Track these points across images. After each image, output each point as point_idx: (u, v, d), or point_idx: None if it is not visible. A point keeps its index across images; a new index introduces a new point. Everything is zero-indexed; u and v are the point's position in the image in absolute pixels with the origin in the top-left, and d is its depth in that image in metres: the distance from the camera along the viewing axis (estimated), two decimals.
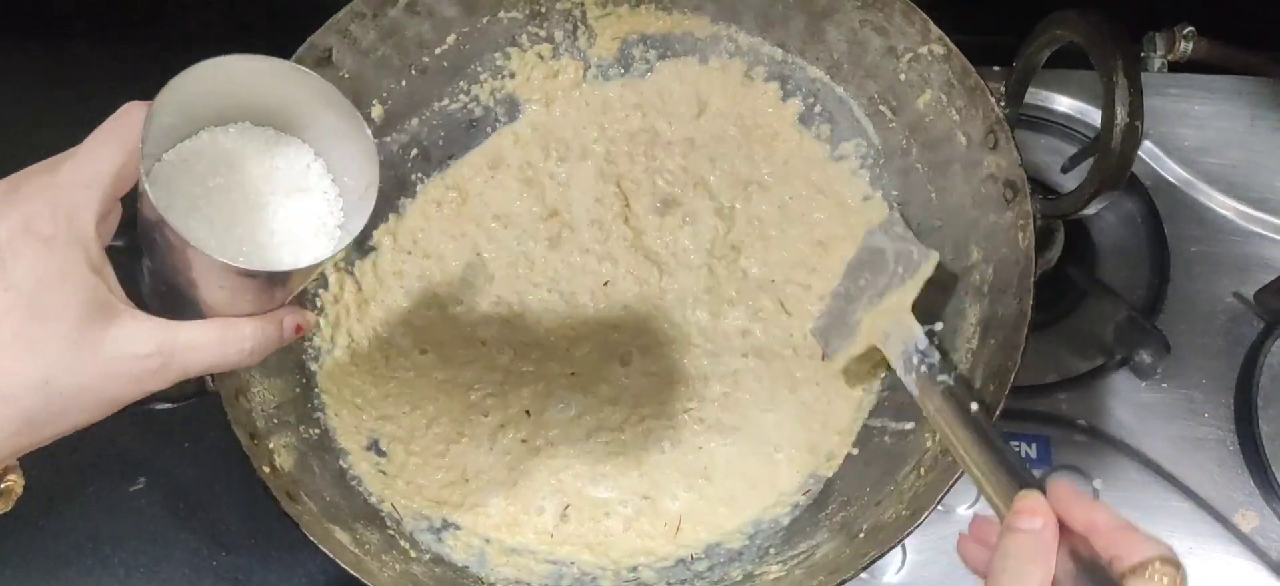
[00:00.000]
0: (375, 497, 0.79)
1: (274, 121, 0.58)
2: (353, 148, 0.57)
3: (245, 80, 0.55)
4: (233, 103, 0.56)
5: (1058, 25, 0.76)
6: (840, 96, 0.88)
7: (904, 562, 0.82)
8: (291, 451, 0.75)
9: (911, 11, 0.80)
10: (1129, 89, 0.69)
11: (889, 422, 0.80)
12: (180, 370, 0.53)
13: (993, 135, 0.77)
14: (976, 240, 0.78)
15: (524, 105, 0.93)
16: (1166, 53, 1.01)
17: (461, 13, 0.88)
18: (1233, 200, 0.95)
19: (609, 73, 0.93)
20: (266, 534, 0.88)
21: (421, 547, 0.78)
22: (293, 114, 0.58)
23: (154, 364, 0.51)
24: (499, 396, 0.84)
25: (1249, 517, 0.82)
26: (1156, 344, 0.86)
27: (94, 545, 0.88)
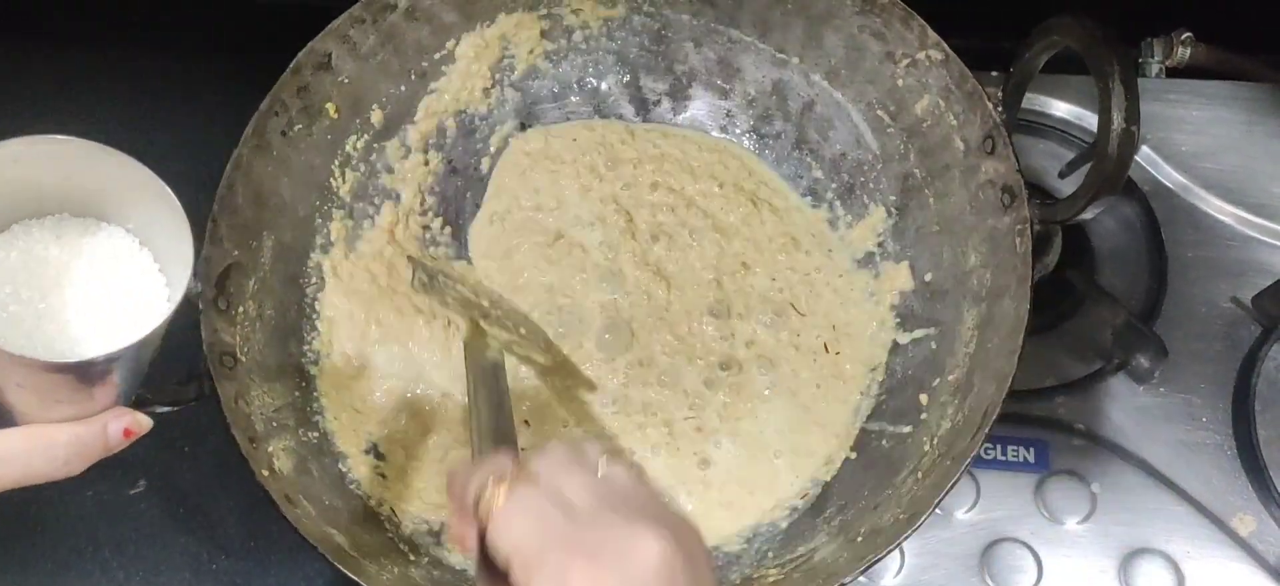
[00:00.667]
0: (374, 501, 0.79)
1: (89, 204, 0.56)
2: (169, 222, 0.55)
3: (48, 164, 0.53)
4: (36, 190, 0.54)
5: (1054, 31, 0.76)
6: (838, 102, 0.88)
7: (902, 566, 0.82)
8: (290, 455, 0.76)
9: (909, 17, 0.80)
10: (1125, 94, 0.69)
11: (887, 426, 0.80)
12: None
13: (990, 140, 0.77)
14: (974, 245, 0.79)
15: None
16: (1164, 58, 1.01)
17: (461, 18, 0.88)
18: (1230, 205, 0.95)
19: None
20: (266, 537, 0.88)
21: (420, 551, 0.78)
22: (107, 193, 0.56)
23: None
24: None
25: (1247, 521, 0.82)
26: (1154, 348, 0.86)
27: (94, 548, 0.88)
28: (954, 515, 0.84)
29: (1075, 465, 0.85)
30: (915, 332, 0.83)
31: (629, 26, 0.92)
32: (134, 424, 0.55)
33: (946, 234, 0.82)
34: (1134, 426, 0.87)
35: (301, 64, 0.81)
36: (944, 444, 0.73)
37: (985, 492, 0.84)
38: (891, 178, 0.87)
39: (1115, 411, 0.87)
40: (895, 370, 0.83)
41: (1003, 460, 0.86)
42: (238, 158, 0.77)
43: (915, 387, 0.79)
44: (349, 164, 0.87)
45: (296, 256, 0.84)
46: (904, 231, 0.86)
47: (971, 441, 0.69)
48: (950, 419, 0.74)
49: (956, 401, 0.75)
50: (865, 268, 0.88)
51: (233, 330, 0.76)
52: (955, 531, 0.84)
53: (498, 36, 0.90)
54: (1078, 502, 0.84)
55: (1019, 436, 0.86)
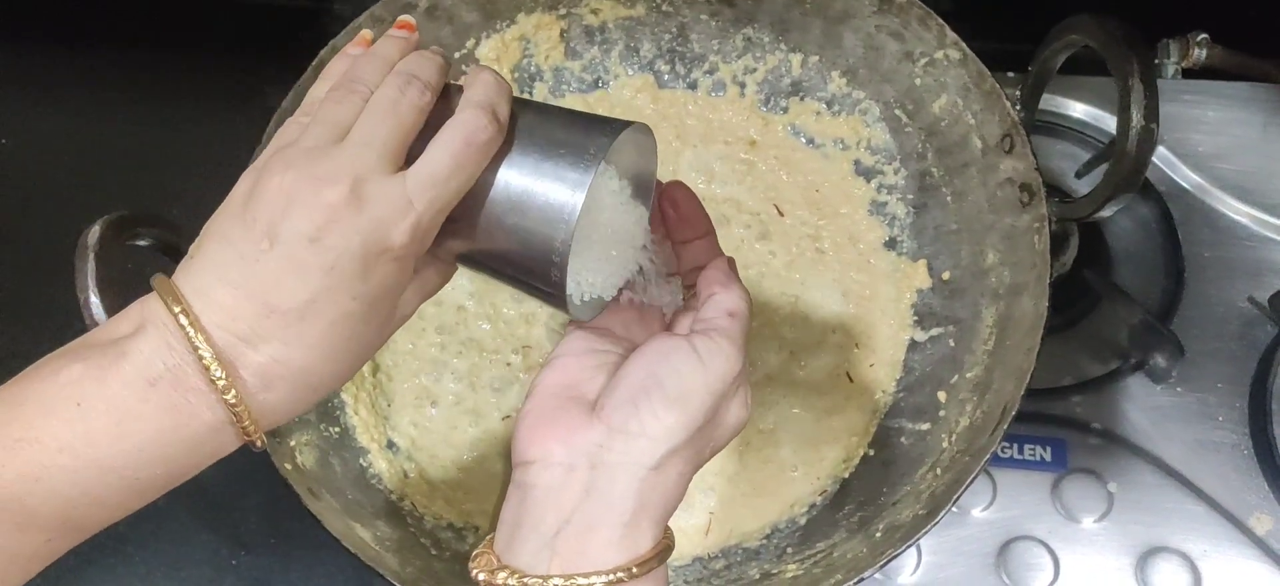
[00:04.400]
0: (395, 496, 0.80)
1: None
2: None
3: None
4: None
5: (1073, 30, 0.76)
6: (857, 101, 0.89)
7: (919, 564, 0.83)
8: (313, 449, 0.76)
9: (928, 17, 0.81)
10: (1144, 92, 0.69)
11: (906, 423, 0.80)
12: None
13: (1009, 139, 0.77)
14: (993, 243, 0.79)
15: None
16: (1180, 60, 1.01)
17: (481, 18, 0.89)
18: (1246, 206, 0.95)
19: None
20: (287, 534, 0.89)
21: (442, 545, 0.78)
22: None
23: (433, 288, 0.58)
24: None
25: (1263, 520, 0.82)
26: (1171, 348, 0.86)
27: (117, 544, 0.89)
28: (971, 513, 0.84)
29: (1092, 464, 0.85)
30: (933, 331, 0.83)
31: (648, 26, 0.93)
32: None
33: (965, 232, 0.82)
34: (1151, 425, 0.87)
35: (324, 62, 0.82)
36: (963, 440, 0.73)
37: (1002, 491, 0.85)
38: (909, 176, 0.87)
39: (1132, 410, 0.88)
40: (913, 367, 0.83)
41: (1020, 459, 0.86)
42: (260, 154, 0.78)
43: (934, 385, 0.80)
44: None
45: None
46: (922, 230, 0.86)
47: (990, 438, 0.69)
48: (969, 416, 0.75)
49: (975, 398, 0.75)
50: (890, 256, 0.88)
51: None
52: (972, 529, 0.84)
53: (517, 37, 0.91)
54: (1095, 501, 0.84)
55: (1036, 435, 0.87)
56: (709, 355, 0.53)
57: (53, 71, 1.13)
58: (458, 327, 0.86)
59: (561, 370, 0.56)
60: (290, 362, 0.49)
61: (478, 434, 0.83)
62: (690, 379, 0.52)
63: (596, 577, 0.49)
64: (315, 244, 0.48)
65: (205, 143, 1.05)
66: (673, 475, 0.52)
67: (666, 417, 0.51)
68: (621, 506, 0.50)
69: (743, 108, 0.93)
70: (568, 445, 0.52)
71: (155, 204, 0.71)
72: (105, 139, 1.09)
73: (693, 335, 0.54)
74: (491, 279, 0.58)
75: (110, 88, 1.11)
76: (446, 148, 0.51)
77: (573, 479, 0.51)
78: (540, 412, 0.54)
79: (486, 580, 0.50)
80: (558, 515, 0.50)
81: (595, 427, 0.52)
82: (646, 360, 0.53)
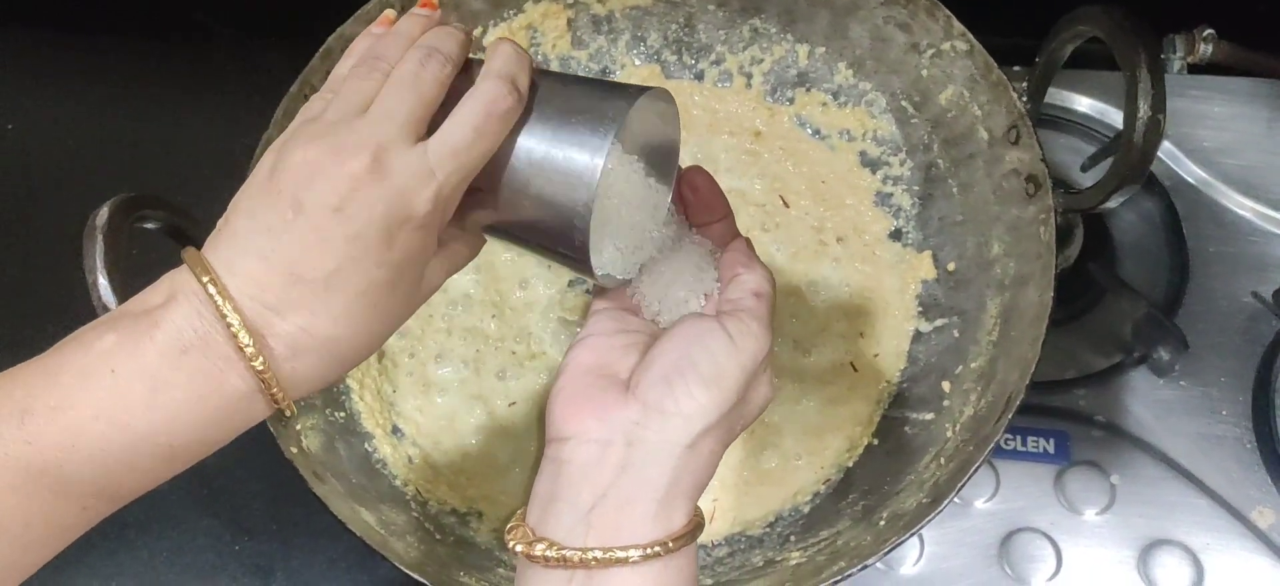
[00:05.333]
0: (400, 481, 0.80)
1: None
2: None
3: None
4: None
5: (1081, 21, 0.76)
6: (863, 92, 0.89)
7: (922, 554, 0.83)
8: (318, 433, 0.76)
9: (935, 8, 0.81)
10: (1152, 82, 0.69)
11: (910, 413, 0.80)
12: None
13: (1015, 130, 0.77)
14: (998, 234, 0.79)
15: None
16: (1186, 55, 1.02)
17: (488, 5, 0.89)
18: (1251, 201, 0.95)
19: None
20: (289, 520, 0.89)
21: (446, 530, 0.78)
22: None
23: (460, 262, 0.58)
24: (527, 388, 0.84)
25: (1266, 514, 0.83)
26: (1175, 341, 0.87)
27: (119, 529, 0.89)
28: (974, 504, 0.84)
29: (1095, 456, 0.85)
30: (938, 321, 0.83)
31: (655, 16, 0.93)
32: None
33: (970, 223, 0.82)
34: (1154, 419, 0.87)
35: (331, 48, 0.81)
36: (967, 430, 0.74)
37: (1005, 482, 0.85)
38: (915, 167, 0.87)
39: (1135, 404, 0.88)
40: (918, 358, 0.83)
41: (1023, 451, 0.86)
42: (268, 139, 0.78)
43: (938, 375, 0.80)
44: None
45: None
46: (927, 221, 0.86)
47: (994, 427, 0.69)
48: (973, 405, 0.75)
49: (979, 388, 0.75)
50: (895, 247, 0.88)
51: None
52: (975, 521, 0.84)
53: (525, 26, 0.91)
54: (1097, 494, 0.84)
55: (1039, 427, 0.87)
56: (739, 335, 0.54)
57: (58, 57, 1.13)
58: (463, 315, 0.86)
59: (592, 349, 0.57)
60: (317, 332, 0.50)
61: (481, 420, 0.83)
62: (722, 359, 0.53)
63: (633, 550, 0.50)
64: (339, 213, 0.48)
65: (211, 128, 1.05)
66: (705, 453, 0.53)
67: (701, 397, 0.52)
68: (657, 482, 0.51)
69: (749, 98, 0.93)
70: (603, 422, 0.52)
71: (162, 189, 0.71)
72: (111, 124, 1.09)
73: (722, 316, 0.55)
74: (520, 248, 0.59)
75: (117, 73, 1.11)
76: (467, 118, 0.51)
77: (609, 455, 0.52)
78: (574, 390, 0.55)
79: (524, 551, 0.51)
80: (593, 490, 0.51)
81: (631, 406, 0.52)
82: (678, 340, 0.54)
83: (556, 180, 0.53)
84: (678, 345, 0.54)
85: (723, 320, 0.55)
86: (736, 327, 0.54)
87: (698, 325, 0.55)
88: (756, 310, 0.56)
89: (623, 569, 0.50)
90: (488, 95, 0.52)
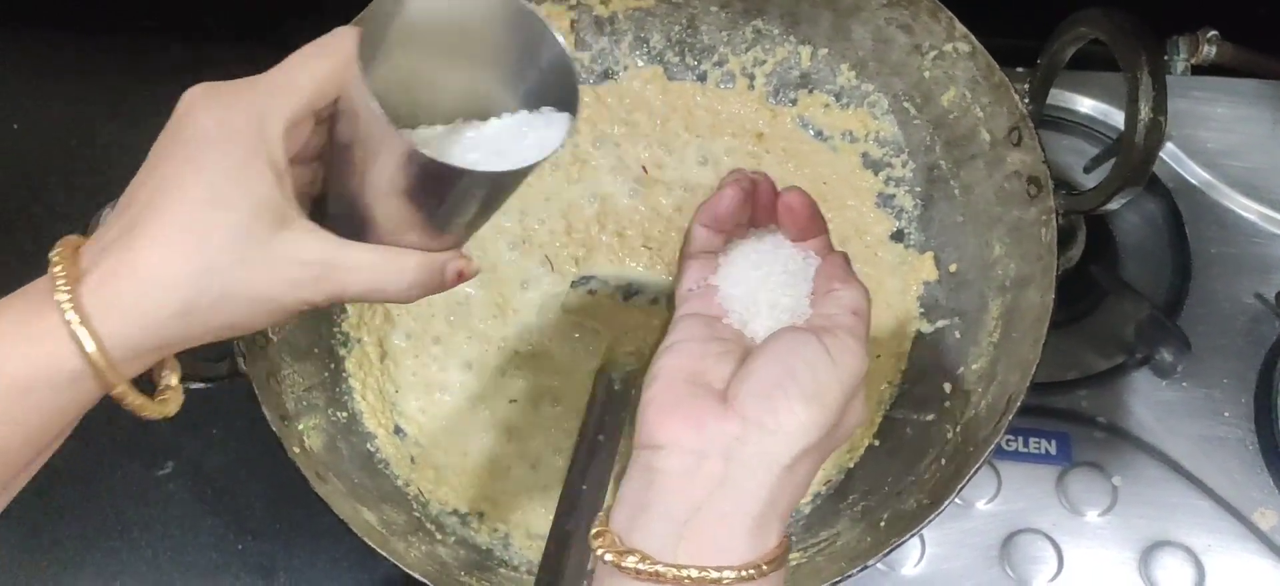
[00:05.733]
0: (401, 481, 0.80)
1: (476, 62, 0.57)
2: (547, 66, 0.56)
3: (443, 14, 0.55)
4: (439, 42, 0.56)
5: (1082, 23, 0.77)
6: (866, 93, 0.89)
7: (923, 555, 0.83)
8: (320, 433, 0.76)
9: (937, 9, 0.81)
10: (1153, 84, 0.69)
11: (911, 414, 0.80)
12: (338, 287, 0.52)
13: (1016, 131, 0.77)
14: (1000, 235, 0.79)
15: None
16: (1190, 56, 1.02)
17: None
18: (1254, 203, 0.95)
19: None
20: (291, 520, 0.89)
21: (447, 530, 0.79)
22: (490, 46, 0.57)
23: (314, 272, 0.51)
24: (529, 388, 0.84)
25: (1268, 516, 0.83)
26: (1177, 343, 0.87)
27: (122, 529, 0.89)
28: (975, 505, 0.84)
29: (1097, 458, 0.86)
30: (939, 322, 0.83)
31: (658, 17, 0.93)
32: (468, 269, 0.57)
33: (971, 225, 0.82)
34: (1156, 420, 0.87)
35: None
36: (967, 431, 0.74)
37: (1007, 483, 0.85)
38: (917, 169, 0.87)
39: (1137, 405, 0.88)
40: (919, 359, 0.83)
41: (1025, 452, 0.86)
42: None
43: (939, 376, 0.80)
44: None
45: None
46: (929, 222, 0.86)
47: (995, 429, 0.69)
48: (974, 407, 0.75)
49: (980, 389, 0.75)
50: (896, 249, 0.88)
51: None
52: (976, 522, 0.84)
53: None
54: (1099, 495, 0.84)
55: (1041, 428, 0.87)
56: (839, 353, 0.53)
57: (60, 57, 1.13)
58: (465, 315, 0.86)
59: (685, 355, 0.56)
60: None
61: (484, 421, 0.83)
62: (824, 376, 0.52)
63: (727, 571, 0.49)
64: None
65: None
66: (802, 474, 0.52)
67: (802, 414, 0.51)
68: (754, 501, 0.50)
69: (752, 100, 0.93)
70: (700, 433, 0.51)
71: None
72: (115, 124, 1.09)
73: (819, 332, 0.54)
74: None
75: (118, 74, 1.11)
76: None
77: (705, 468, 0.50)
78: (668, 397, 0.54)
79: (614, 561, 0.50)
80: (688, 503, 0.50)
81: (730, 419, 0.51)
82: (777, 354, 0.53)
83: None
84: (777, 359, 0.53)
85: (821, 336, 0.54)
86: (835, 345, 0.53)
87: (795, 339, 0.54)
88: (855, 328, 0.55)
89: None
90: None
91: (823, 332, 0.54)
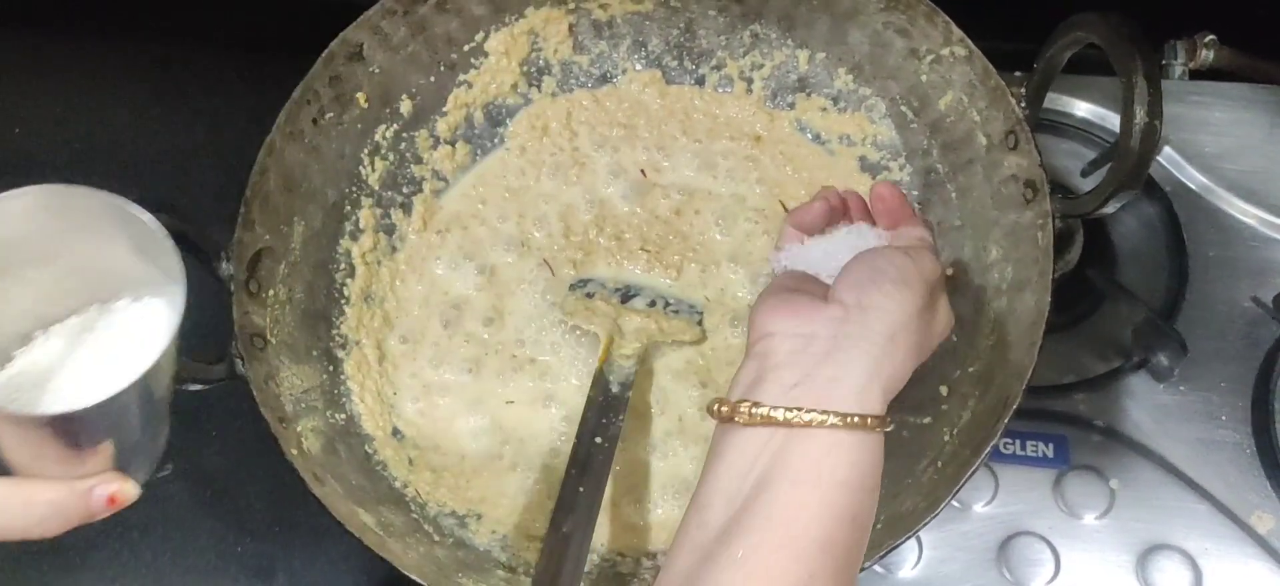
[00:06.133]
0: (399, 482, 0.80)
1: (72, 246, 0.56)
2: (160, 260, 0.55)
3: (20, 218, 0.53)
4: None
5: (1078, 27, 0.77)
6: (863, 97, 0.89)
7: (920, 558, 0.83)
8: (318, 435, 0.77)
9: (934, 14, 0.81)
10: (1148, 89, 0.69)
11: (907, 417, 0.80)
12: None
13: (1013, 135, 0.77)
14: (996, 239, 0.79)
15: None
16: (1187, 61, 1.02)
17: (490, 11, 0.89)
18: (1251, 206, 0.95)
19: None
20: (290, 521, 0.90)
21: (445, 532, 0.79)
22: (91, 233, 0.55)
23: None
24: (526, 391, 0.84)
25: (1265, 519, 0.83)
26: (1174, 346, 0.87)
27: (121, 530, 0.89)
28: (972, 508, 0.84)
29: (1094, 461, 0.86)
30: None
31: (656, 21, 0.93)
32: (121, 492, 0.55)
33: (968, 228, 0.83)
34: (1153, 423, 0.87)
35: (334, 54, 0.82)
36: (963, 434, 0.74)
37: (1004, 486, 0.85)
38: (914, 172, 0.88)
39: (1135, 408, 0.88)
40: None
41: (1022, 455, 0.86)
42: (270, 144, 0.78)
43: (935, 379, 0.80)
44: (378, 153, 0.88)
45: (326, 243, 0.85)
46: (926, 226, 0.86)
47: (991, 432, 0.69)
48: (970, 410, 0.75)
49: (977, 393, 0.75)
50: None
51: (263, 312, 0.77)
52: (973, 524, 0.84)
53: (526, 31, 0.91)
54: (1096, 498, 0.84)
55: (1039, 432, 0.87)
56: (917, 255, 0.62)
57: (64, 60, 1.13)
58: (463, 319, 0.86)
59: (787, 280, 0.66)
60: None
61: (482, 423, 0.83)
62: (907, 269, 0.60)
63: (833, 416, 0.54)
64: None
65: (214, 133, 1.06)
66: (902, 348, 0.58)
67: (895, 294, 0.58)
68: (859, 369, 0.56)
69: (749, 104, 0.93)
70: (809, 320, 0.58)
71: (164, 192, 0.72)
72: (115, 127, 1.09)
73: (898, 247, 0.64)
74: None
75: (121, 77, 1.12)
76: None
77: (813, 345, 0.57)
78: (778, 299, 0.61)
79: (727, 413, 0.56)
80: (799, 371, 0.56)
81: (833, 307, 0.59)
82: (867, 258, 0.62)
83: None
84: (866, 261, 0.61)
85: (897, 246, 0.63)
86: (912, 251, 0.62)
87: (878, 249, 0.63)
88: (925, 241, 0.66)
89: (821, 431, 0.53)
90: None
91: (887, 252, 0.63)
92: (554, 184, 0.91)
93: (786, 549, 0.51)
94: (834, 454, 0.53)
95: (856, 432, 0.54)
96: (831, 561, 0.52)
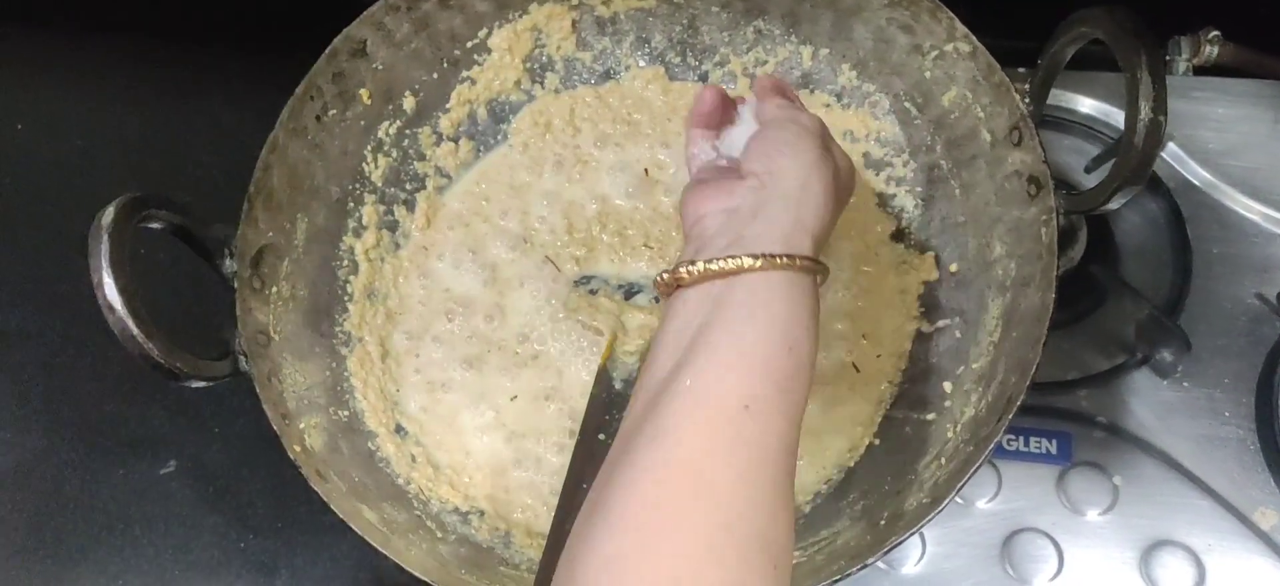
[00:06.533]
0: (402, 479, 0.80)
1: None
2: None
3: None
4: None
5: (1082, 22, 0.76)
6: (867, 93, 0.89)
7: (924, 554, 0.83)
8: (321, 432, 0.77)
9: (938, 10, 0.81)
10: (1153, 84, 0.69)
11: (911, 414, 0.80)
12: None
13: (1017, 131, 0.77)
14: (1000, 235, 0.79)
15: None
16: (1191, 56, 1.02)
17: (493, 7, 0.89)
18: (1255, 202, 0.95)
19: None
20: (293, 517, 0.90)
21: (447, 529, 0.79)
22: None
23: None
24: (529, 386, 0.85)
25: (1268, 516, 0.83)
26: (1178, 343, 0.87)
27: (124, 526, 0.89)
28: (976, 504, 0.84)
29: (1098, 457, 0.86)
30: (939, 322, 0.83)
31: (659, 18, 0.93)
32: None
33: (972, 224, 0.82)
34: (1157, 420, 0.87)
35: (337, 50, 0.82)
36: (967, 430, 0.74)
37: (1007, 483, 0.85)
38: (918, 168, 0.87)
39: (1138, 405, 0.88)
40: (919, 359, 0.83)
41: (1025, 451, 0.86)
42: (274, 140, 0.78)
43: (939, 376, 0.80)
44: (381, 149, 0.88)
45: (329, 239, 0.85)
46: (929, 222, 0.86)
47: (995, 428, 0.69)
48: (974, 406, 0.75)
49: (980, 389, 0.75)
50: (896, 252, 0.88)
51: (266, 309, 0.77)
52: (977, 520, 0.84)
53: (529, 27, 0.91)
54: (1100, 494, 0.84)
55: (1042, 428, 0.87)
56: (798, 115, 0.68)
57: (67, 57, 1.13)
58: (466, 315, 0.86)
59: (704, 170, 0.71)
60: None
61: (484, 419, 0.83)
62: (797, 129, 0.66)
63: (758, 259, 0.58)
64: None
65: (217, 128, 1.06)
66: (815, 195, 0.63)
67: (795, 150, 0.64)
68: (782, 219, 0.61)
69: None
70: (730, 196, 0.63)
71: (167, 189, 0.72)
72: (118, 124, 1.09)
73: (775, 123, 0.68)
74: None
75: (124, 73, 1.11)
76: None
77: (737, 215, 0.62)
78: (700, 187, 0.66)
79: (669, 280, 0.60)
80: (731, 235, 0.60)
81: (748, 179, 0.64)
82: (762, 134, 0.67)
83: None
84: (762, 135, 0.67)
85: (776, 123, 0.68)
86: (788, 122, 0.67)
87: (765, 129, 0.68)
88: (787, 107, 0.70)
89: (754, 274, 0.58)
90: None
91: (777, 122, 0.68)
92: (557, 180, 0.91)
93: (730, 372, 0.55)
94: (767, 290, 0.58)
95: (787, 271, 0.58)
96: (773, 385, 0.55)
